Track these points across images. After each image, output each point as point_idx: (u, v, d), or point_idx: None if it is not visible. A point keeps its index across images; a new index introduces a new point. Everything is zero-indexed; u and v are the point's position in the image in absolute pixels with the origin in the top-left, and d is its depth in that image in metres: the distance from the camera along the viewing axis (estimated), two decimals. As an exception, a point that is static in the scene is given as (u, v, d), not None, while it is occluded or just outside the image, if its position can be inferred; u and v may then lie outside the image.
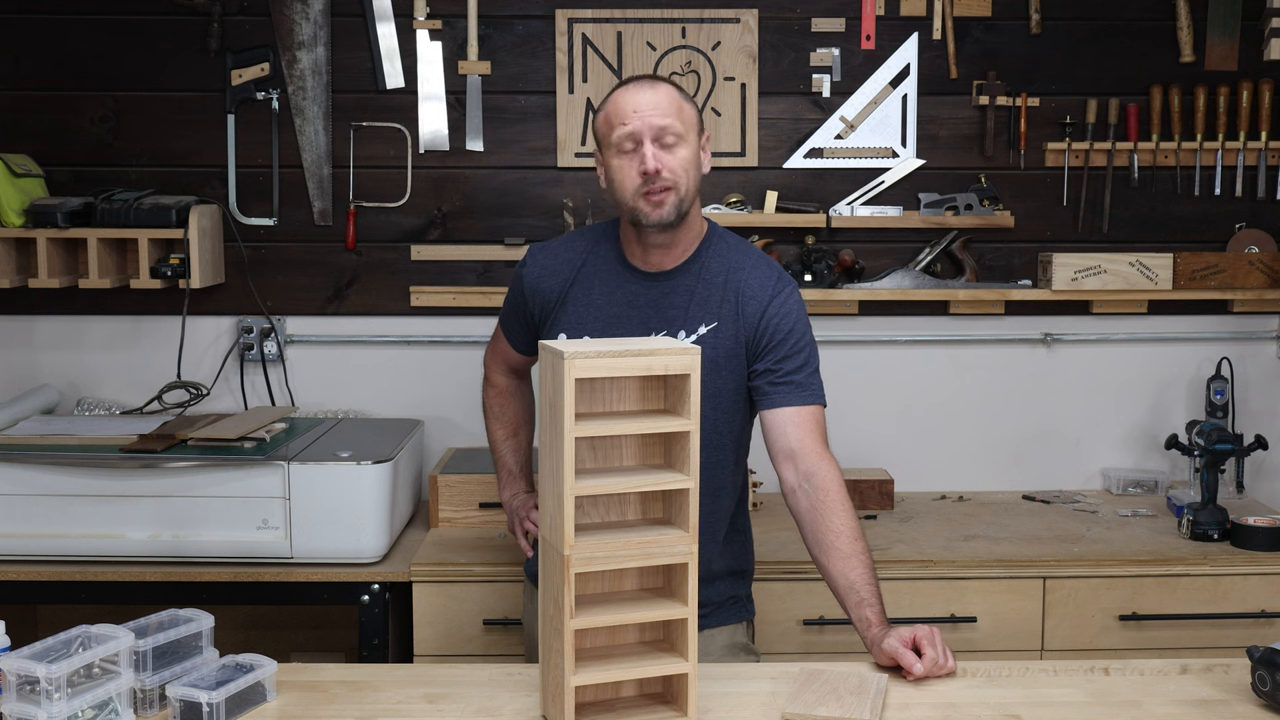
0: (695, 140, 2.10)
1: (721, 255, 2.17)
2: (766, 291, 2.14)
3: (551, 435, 1.67)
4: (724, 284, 2.14)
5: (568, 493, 1.63)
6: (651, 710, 1.75)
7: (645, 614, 1.72)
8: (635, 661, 1.73)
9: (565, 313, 2.17)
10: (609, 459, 1.74)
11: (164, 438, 2.75)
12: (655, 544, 1.71)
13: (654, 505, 1.79)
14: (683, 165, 2.06)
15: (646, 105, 2.05)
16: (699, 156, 2.12)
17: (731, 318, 2.12)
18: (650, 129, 2.04)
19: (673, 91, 2.09)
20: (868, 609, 1.98)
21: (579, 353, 1.62)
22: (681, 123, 2.06)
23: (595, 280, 2.17)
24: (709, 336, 2.12)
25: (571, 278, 2.18)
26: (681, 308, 2.13)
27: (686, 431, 1.70)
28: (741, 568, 2.29)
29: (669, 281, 2.15)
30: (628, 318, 2.14)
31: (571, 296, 2.17)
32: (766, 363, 2.12)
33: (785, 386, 2.12)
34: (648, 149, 2.04)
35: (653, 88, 2.07)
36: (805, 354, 2.15)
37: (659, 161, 2.04)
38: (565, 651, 1.65)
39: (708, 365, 2.09)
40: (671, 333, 2.12)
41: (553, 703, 1.70)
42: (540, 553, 1.76)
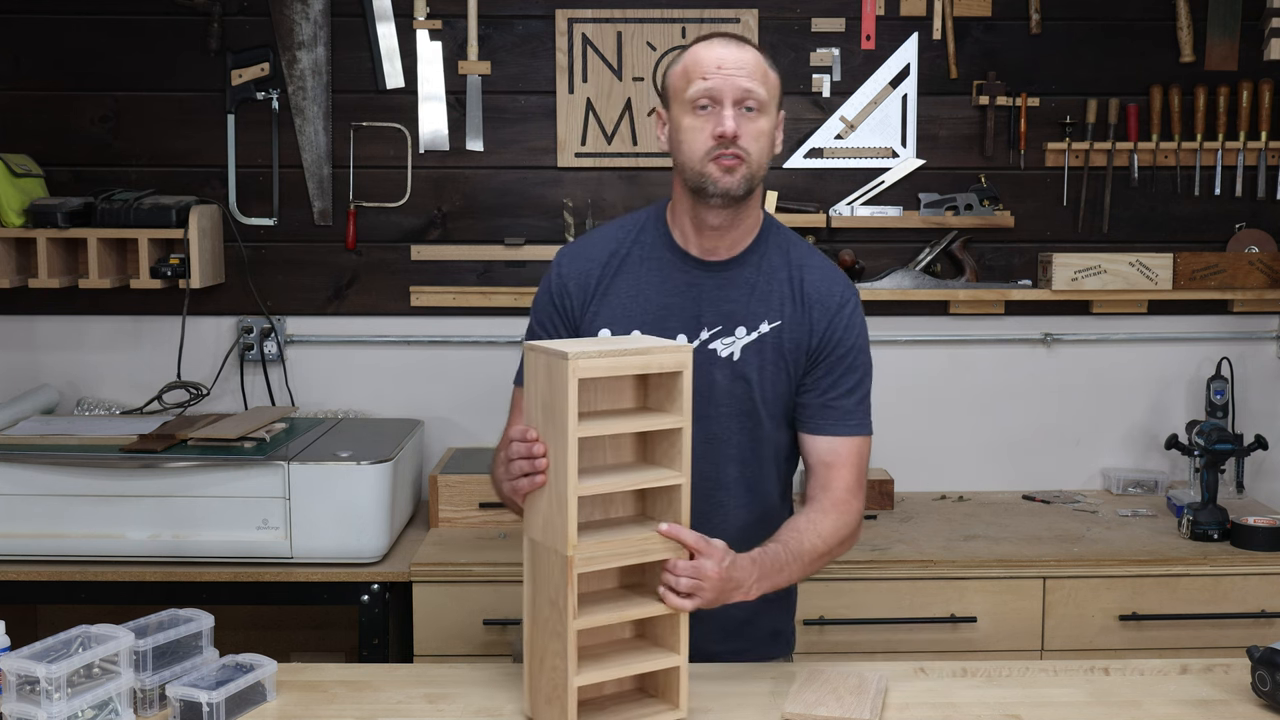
0: (774, 114, 1.91)
1: (782, 249, 2.00)
2: (835, 298, 1.97)
3: (549, 436, 1.66)
4: (787, 280, 1.97)
5: (571, 493, 1.63)
6: (643, 705, 1.75)
7: (643, 610, 1.72)
8: (629, 658, 1.73)
9: (608, 304, 1.96)
10: (594, 458, 1.73)
11: (164, 438, 2.75)
12: (649, 541, 1.71)
13: (639, 503, 1.79)
14: (760, 136, 1.87)
15: (732, 62, 1.86)
16: (775, 132, 1.92)
17: (796, 319, 1.95)
18: (734, 90, 1.85)
19: (760, 55, 1.90)
20: (762, 553, 1.83)
21: (582, 353, 1.61)
22: (766, 90, 1.87)
23: (643, 269, 1.98)
24: (771, 336, 1.95)
25: (615, 266, 1.98)
26: (741, 301, 1.95)
27: (679, 429, 1.70)
28: (786, 597, 2.09)
29: (727, 272, 1.96)
30: (681, 309, 1.95)
31: (615, 288, 1.97)
32: (820, 379, 1.96)
33: (833, 412, 1.96)
34: (728, 110, 1.84)
35: (740, 47, 1.89)
36: (860, 375, 1.99)
37: (737, 125, 1.85)
38: (568, 653, 1.65)
39: (765, 367, 1.94)
40: (729, 329, 1.94)
41: (548, 705, 1.70)
42: (529, 555, 1.73)
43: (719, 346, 1.94)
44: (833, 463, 1.96)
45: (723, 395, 1.94)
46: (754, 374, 1.94)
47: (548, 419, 1.66)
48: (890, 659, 2.56)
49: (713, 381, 1.93)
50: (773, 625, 2.09)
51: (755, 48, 1.92)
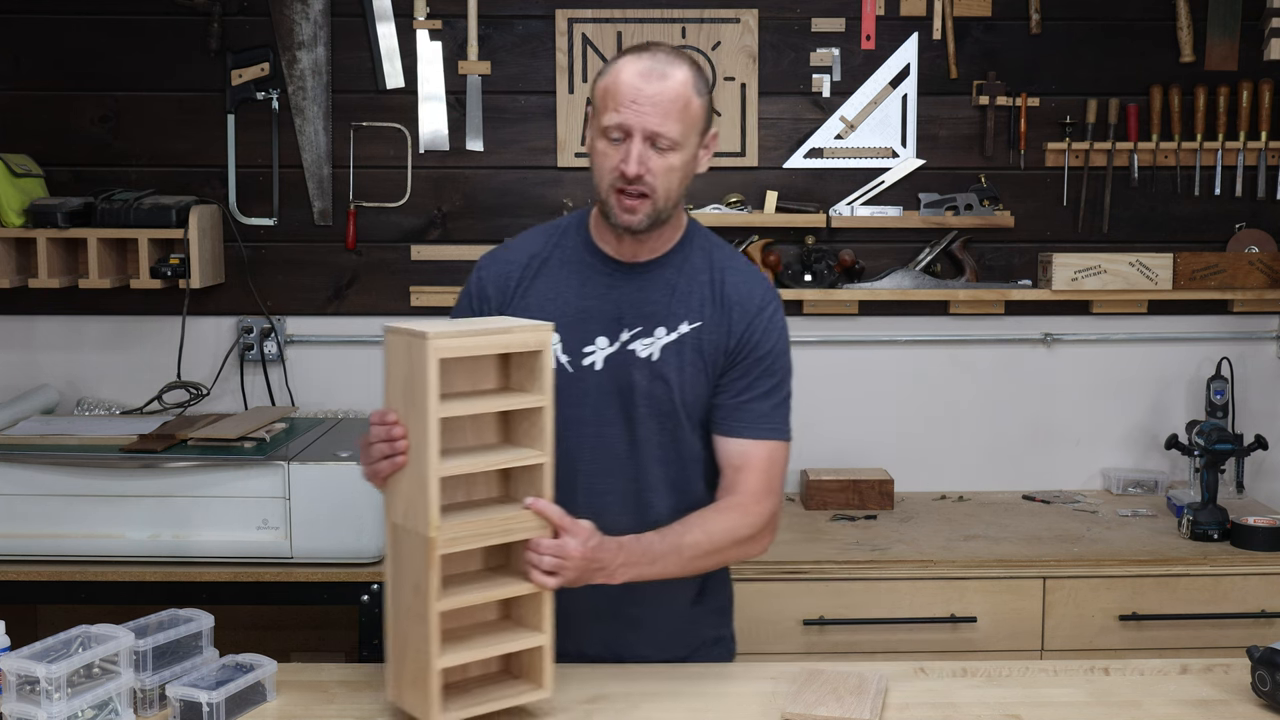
0: (695, 143, 1.88)
1: (705, 251, 1.98)
2: (755, 301, 1.95)
3: (409, 418, 1.64)
4: (709, 282, 1.95)
5: (432, 474, 1.61)
6: (508, 685, 1.75)
7: (506, 591, 1.72)
8: (493, 639, 1.73)
9: (526, 307, 1.95)
10: (456, 439, 1.72)
11: (164, 438, 2.75)
12: (513, 520, 1.70)
13: (502, 483, 1.78)
14: (669, 173, 1.85)
15: (648, 99, 1.82)
16: (694, 160, 1.90)
17: (716, 320, 1.93)
18: (644, 128, 1.82)
19: (685, 84, 1.84)
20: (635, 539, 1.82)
21: (442, 333, 1.61)
22: (683, 126, 1.84)
23: (563, 272, 1.97)
24: (691, 336, 1.93)
25: (535, 269, 1.97)
26: (661, 302, 1.93)
27: (540, 408, 1.70)
28: (721, 603, 2.10)
29: (647, 274, 1.95)
30: (600, 311, 1.93)
31: (534, 290, 1.96)
32: (735, 381, 1.94)
33: (746, 414, 1.93)
34: (634, 149, 1.82)
35: (662, 79, 1.83)
36: (778, 379, 1.95)
37: (643, 165, 1.83)
38: (431, 636, 1.63)
39: (684, 368, 1.92)
40: (649, 329, 1.92)
41: (411, 689, 1.68)
42: (391, 539, 1.71)
43: (639, 347, 1.92)
44: (741, 465, 1.93)
45: (643, 396, 1.92)
46: (673, 375, 1.92)
47: (408, 400, 1.65)
48: (890, 659, 2.56)
49: (633, 383, 1.92)
50: (713, 632, 2.08)
51: (685, 67, 1.86)
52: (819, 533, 2.95)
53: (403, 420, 1.67)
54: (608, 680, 1.89)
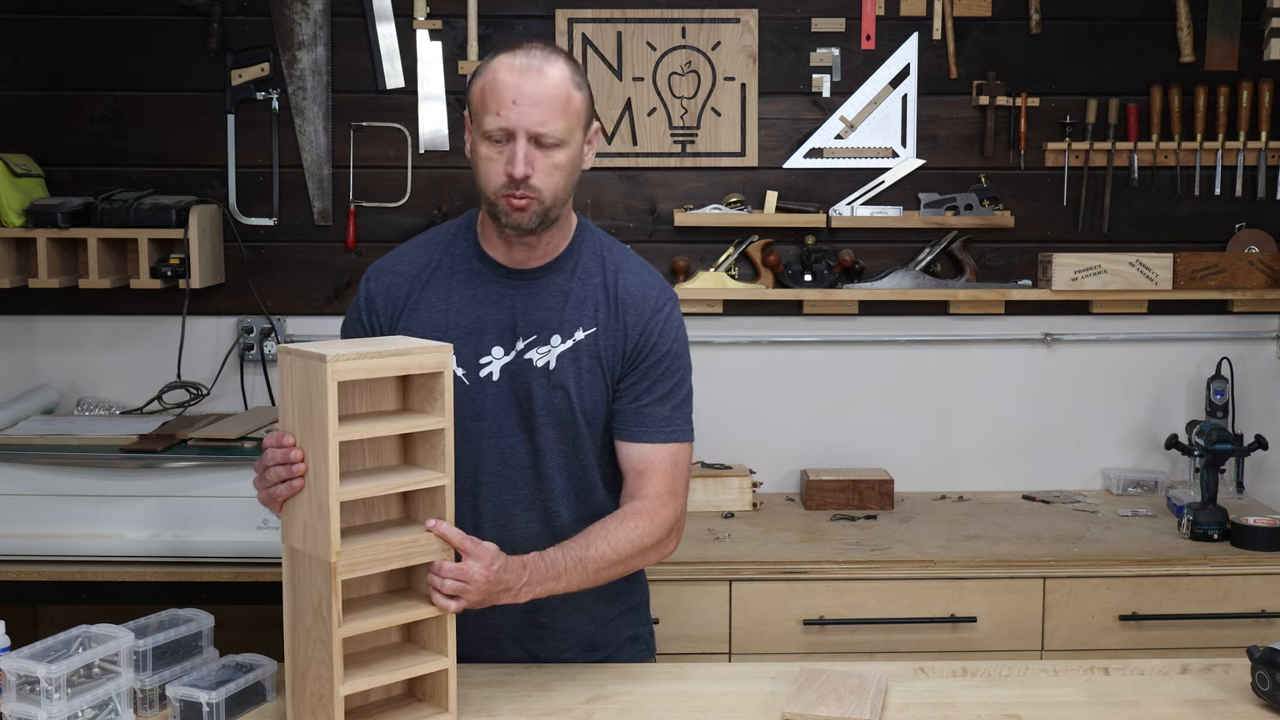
0: (580, 138, 1.85)
1: (596, 254, 1.95)
2: (650, 302, 1.92)
3: (307, 441, 1.63)
4: (602, 285, 1.92)
5: (333, 499, 1.60)
6: (412, 710, 1.74)
7: (409, 615, 1.71)
8: (396, 663, 1.72)
9: (418, 318, 1.92)
10: (354, 461, 1.71)
11: (164, 438, 2.75)
12: (414, 544, 1.69)
13: (402, 506, 1.78)
14: (555, 171, 1.82)
15: (528, 97, 1.78)
16: (580, 156, 1.87)
17: (610, 324, 1.91)
18: (527, 128, 1.78)
19: (564, 79, 1.81)
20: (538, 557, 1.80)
21: (340, 355, 1.59)
22: (566, 122, 1.80)
23: (454, 280, 1.93)
24: (586, 342, 1.90)
25: (425, 280, 1.94)
26: (555, 309, 1.91)
27: (441, 429, 1.69)
28: (633, 602, 2.08)
29: (538, 280, 1.92)
30: (495, 321, 1.90)
31: (425, 301, 1.92)
32: (633, 385, 1.91)
33: (645, 418, 1.91)
34: (520, 150, 1.79)
35: (540, 75, 1.79)
36: (677, 380, 1.93)
37: (529, 166, 1.79)
38: (333, 661, 1.62)
39: (582, 375, 1.90)
40: (544, 338, 1.90)
41: (313, 716, 1.67)
42: (289, 563, 1.70)
43: (535, 356, 1.90)
44: (644, 470, 1.91)
45: (541, 406, 1.90)
46: (571, 383, 1.90)
47: (306, 423, 1.63)
48: (890, 659, 2.57)
49: (531, 392, 1.90)
50: (629, 630, 2.07)
51: (562, 62, 1.83)
52: (819, 533, 2.95)
53: (300, 443, 1.65)
54: (608, 680, 1.89)
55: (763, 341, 3.29)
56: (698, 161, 3.26)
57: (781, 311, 3.29)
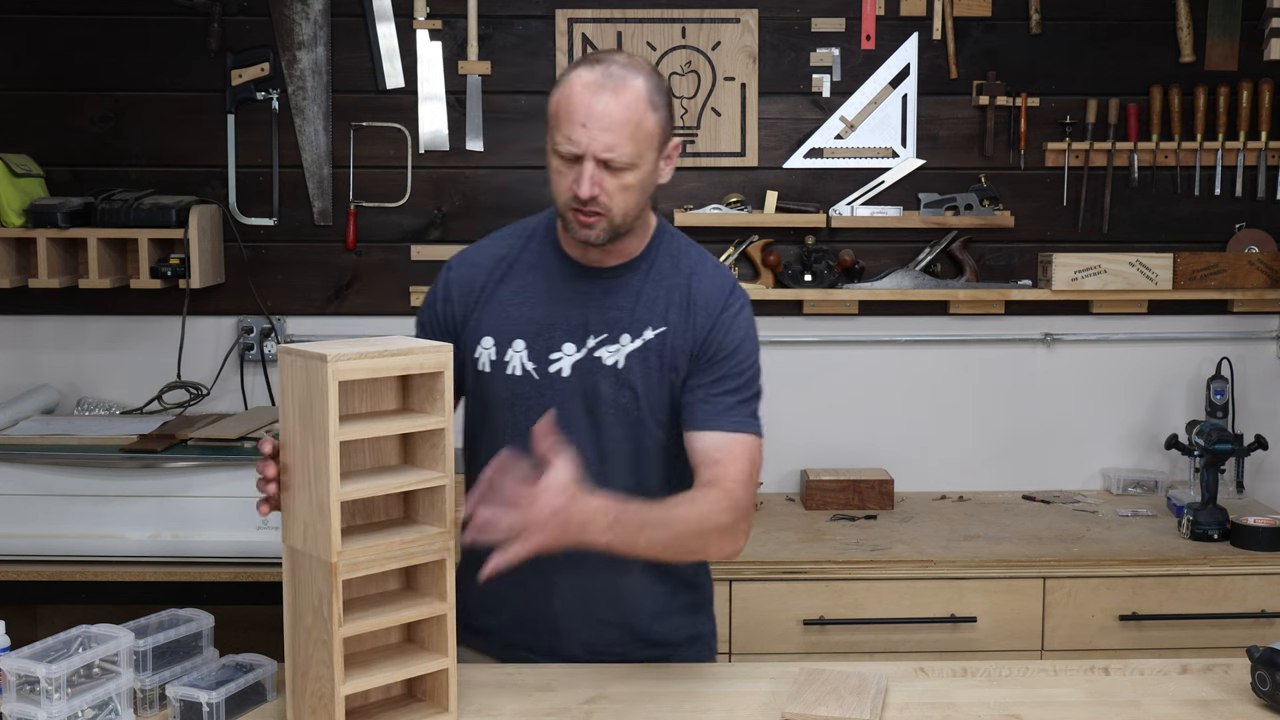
0: (653, 159, 1.84)
1: (672, 255, 1.95)
2: (719, 301, 1.92)
3: (307, 441, 1.63)
4: (674, 286, 1.92)
5: (333, 499, 1.60)
6: (412, 710, 1.74)
7: (410, 614, 1.71)
8: (397, 662, 1.71)
9: (491, 311, 1.94)
10: (355, 461, 1.71)
11: (164, 438, 2.75)
12: (415, 543, 1.69)
13: (402, 505, 1.78)
14: (624, 192, 1.81)
15: (599, 120, 1.77)
16: (653, 174, 1.85)
17: (681, 325, 1.91)
18: (595, 151, 1.78)
19: (637, 100, 1.79)
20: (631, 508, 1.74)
21: (341, 355, 1.59)
22: (636, 145, 1.79)
23: (531, 275, 1.94)
24: (655, 342, 1.90)
25: (502, 273, 1.96)
26: (626, 309, 1.91)
27: (441, 429, 1.70)
28: (696, 600, 2.06)
29: (613, 280, 1.92)
30: (567, 317, 1.91)
31: (500, 294, 1.94)
32: (702, 379, 1.90)
33: (716, 406, 1.89)
34: (587, 172, 1.78)
35: (613, 96, 1.77)
36: (747, 378, 1.93)
37: (595, 187, 1.79)
38: (334, 661, 1.62)
39: (650, 374, 1.89)
40: (613, 336, 1.90)
41: (313, 716, 1.67)
42: (289, 562, 1.70)
43: (605, 354, 1.90)
44: (720, 458, 1.86)
45: (609, 404, 1.90)
46: (639, 382, 1.89)
47: (306, 423, 1.63)
48: (890, 659, 2.56)
49: (599, 390, 1.90)
50: (692, 630, 2.05)
51: (640, 80, 1.80)
52: (819, 533, 2.94)
53: (301, 443, 1.65)
54: (608, 680, 1.89)
55: (763, 341, 3.27)
56: (698, 161, 3.26)
57: (781, 311, 3.29)
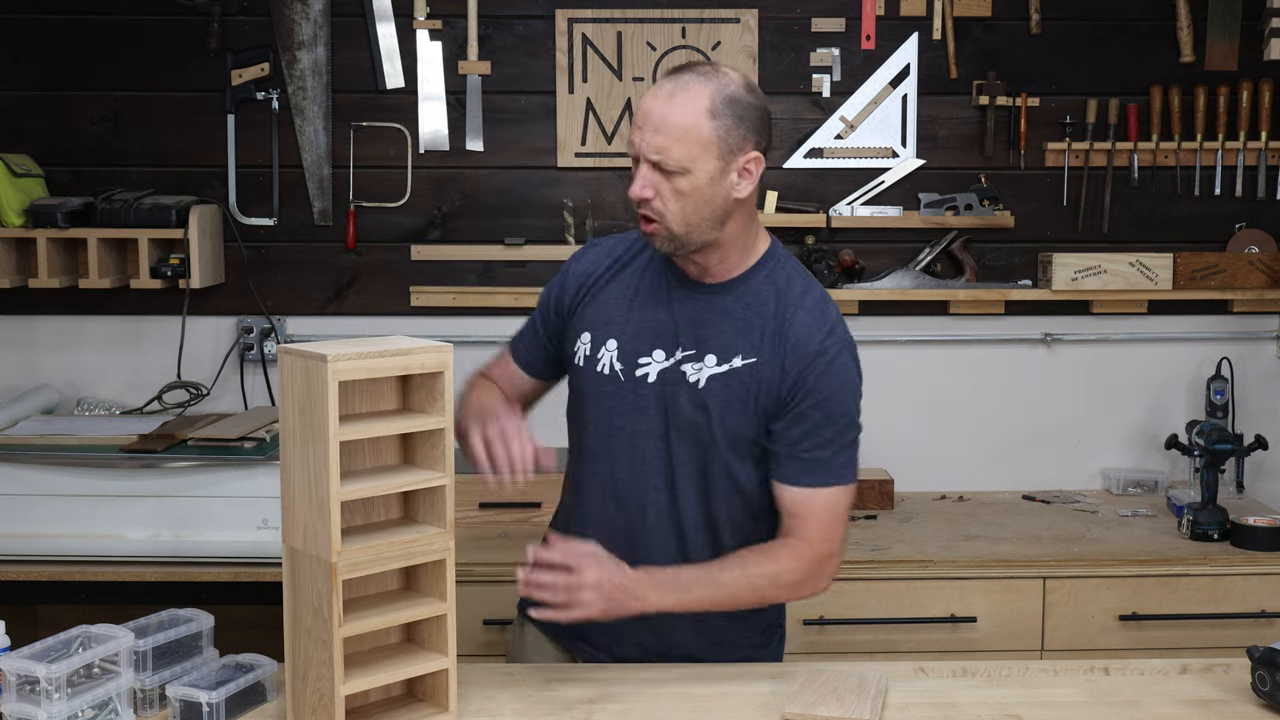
0: (712, 167, 1.78)
1: (776, 284, 1.89)
2: (814, 345, 1.85)
3: (307, 441, 1.63)
4: (773, 316, 1.87)
5: (334, 498, 1.60)
6: (412, 710, 1.74)
7: (410, 614, 1.71)
8: (397, 662, 1.72)
9: (596, 306, 1.95)
10: (354, 461, 1.72)
11: (164, 438, 2.75)
12: (415, 543, 1.70)
13: (402, 505, 1.78)
14: (679, 198, 1.79)
15: (653, 120, 1.78)
16: (716, 184, 1.80)
17: (772, 359, 1.86)
18: (646, 152, 1.79)
19: (695, 104, 1.77)
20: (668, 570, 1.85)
21: (341, 355, 1.60)
22: (688, 149, 1.76)
23: (639, 278, 1.95)
24: (743, 371, 1.86)
25: (616, 272, 1.96)
26: (717, 328, 1.88)
27: (441, 429, 1.70)
28: (763, 623, 2.04)
29: (711, 297, 1.90)
30: (661, 325, 1.90)
31: (608, 292, 1.95)
32: (789, 428, 1.86)
33: (800, 463, 1.86)
34: (639, 172, 1.80)
35: (669, 98, 1.78)
36: (840, 426, 1.86)
37: (646, 189, 1.80)
38: (334, 661, 1.62)
39: (730, 401, 1.86)
40: (700, 354, 1.88)
41: (314, 716, 1.67)
42: (289, 562, 1.71)
43: (689, 370, 1.89)
44: (797, 513, 1.88)
45: (683, 419, 1.89)
46: (715, 405, 1.87)
47: (305, 423, 1.63)
48: (890, 659, 2.57)
49: (677, 403, 1.89)
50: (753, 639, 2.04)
51: (701, 86, 1.78)
52: (819, 533, 2.94)
53: (301, 443, 1.65)
54: (608, 680, 1.89)
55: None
56: (698, 161, 3.25)
57: (781, 311, 3.28)
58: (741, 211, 1.86)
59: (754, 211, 1.91)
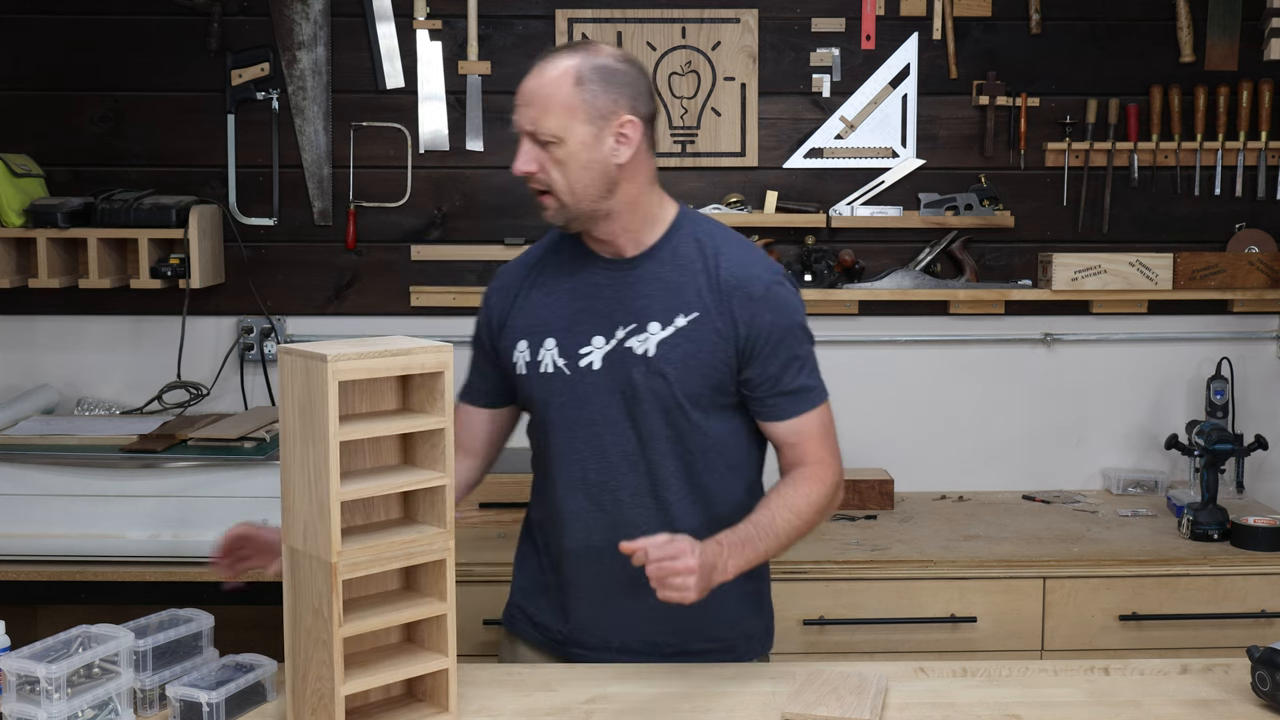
0: (586, 133, 1.83)
1: (694, 239, 1.94)
2: (756, 284, 1.91)
3: (307, 441, 1.63)
4: (702, 270, 1.91)
5: (333, 498, 1.61)
6: (412, 710, 1.74)
7: (410, 614, 1.72)
8: (397, 662, 1.72)
9: (523, 314, 1.98)
10: (354, 461, 1.72)
11: (164, 438, 2.75)
12: (415, 543, 1.70)
13: (402, 505, 1.78)
14: (560, 167, 1.84)
15: (524, 97, 1.85)
16: (595, 149, 1.83)
17: (716, 309, 1.89)
18: (522, 128, 1.86)
19: (563, 74, 1.83)
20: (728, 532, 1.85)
21: (341, 355, 1.60)
22: (558, 118, 1.82)
23: (558, 275, 1.97)
24: (689, 329, 1.89)
25: (533, 278, 1.99)
26: (653, 297, 1.90)
27: (441, 429, 1.70)
28: (748, 588, 2.03)
29: (635, 270, 1.92)
30: (594, 311, 1.92)
31: (530, 298, 1.98)
32: (762, 371, 1.91)
33: (787, 398, 1.93)
34: (521, 147, 1.86)
35: (539, 72, 1.85)
36: (805, 352, 1.95)
37: (530, 163, 1.85)
38: (334, 661, 1.63)
39: (688, 362, 1.89)
40: (642, 325, 1.90)
41: (314, 716, 1.67)
42: (289, 563, 1.71)
43: (634, 344, 1.91)
44: (797, 442, 1.95)
45: (644, 392, 1.91)
46: (671, 369, 1.89)
47: (306, 423, 1.63)
48: (890, 659, 2.56)
49: (632, 380, 1.91)
50: (746, 628, 2.06)
51: (577, 57, 1.85)
52: (819, 533, 2.92)
53: (301, 443, 1.65)
54: (608, 680, 1.90)
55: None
56: (698, 161, 3.26)
57: (781, 311, 3.28)
58: (632, 180, 1.89)
59: (651, 180, 1.93)
